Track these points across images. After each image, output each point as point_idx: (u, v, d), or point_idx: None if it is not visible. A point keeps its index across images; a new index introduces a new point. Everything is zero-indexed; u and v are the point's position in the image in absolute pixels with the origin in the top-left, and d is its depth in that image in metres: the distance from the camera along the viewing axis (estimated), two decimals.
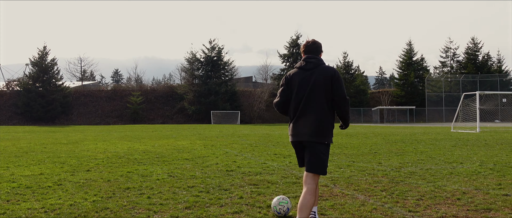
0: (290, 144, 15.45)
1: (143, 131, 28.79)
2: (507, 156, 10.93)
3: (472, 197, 5.70)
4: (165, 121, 59.60)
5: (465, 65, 72.99)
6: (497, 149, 13.07)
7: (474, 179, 7.11)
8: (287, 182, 6.91)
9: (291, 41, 69.96)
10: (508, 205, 5.20)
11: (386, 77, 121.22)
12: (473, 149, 13.06)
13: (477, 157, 10.67)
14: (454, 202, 5.39)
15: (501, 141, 16.47)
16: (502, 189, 6.22)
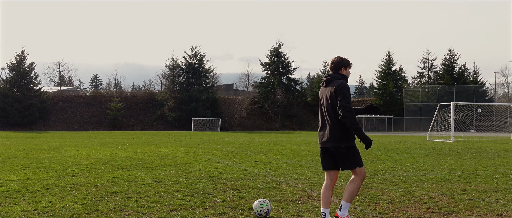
0: (271, 152, 15.90)
1: (124, 138, 28.85)
2: (476, 164, 11.53)
3: (438, 201, 6.17)
4: (145, 128, 59.46)
5: (442, 76, 74.77)
6: (467, 158, 13.70)
7: (441, 185, 7.60)
8: (267, 187, 7.29)
9: (273, 49, 70.63)
10: (469, 208, 5.68)
11: (365, 86, 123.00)
12: (445, 157, 13.66)
13: (447, 165, 11.24)
14: (420, 206, 5.85)
15: (472, 150, 17.17)
16: (466, 194, 6.71)
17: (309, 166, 10.89)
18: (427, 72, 77.68)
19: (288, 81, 71.04)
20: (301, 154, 14.74)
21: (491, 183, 7.92)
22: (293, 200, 6.17)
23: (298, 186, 7.46)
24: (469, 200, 6.25)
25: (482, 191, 7.03)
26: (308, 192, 6.91)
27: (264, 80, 70.72)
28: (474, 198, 6.40)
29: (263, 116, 67.15)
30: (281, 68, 70.33)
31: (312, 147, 19.19)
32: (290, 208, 5.62)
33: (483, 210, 5.58)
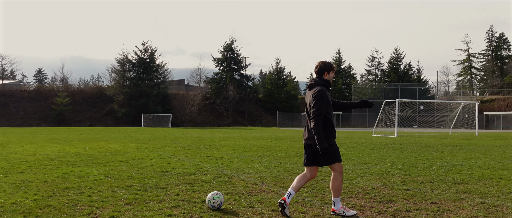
0: (222, 147, 16.11)
1: (71, 134, 28.12)
2: (416, 158, 12.25)
3: (379, 191, 6.62)
4: (93, 124, 57.97)
5: (389, 73, 77.68)
6: (408, 152, 14.50)
7: (383, 177, 8.10)
8: (220, 181, 7.50)
9: (226, 45, 70.68)
10: (406, 198, 6.14)
11: None
12: (388, 152, 14.38)
13: (390, 158, 11.88)
14: (363, 196, 6.26)
15: (413, 145, 18.12)
16: (405, 185, 7.22)
17: (260, 161, 11.19)
18: (375, 70, 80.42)
19: (240, 77, 71.37)
20: (253, 149, 15.04)
21: (428, 175, 8.51)
22: (244, 193, 6.41)
23: (250, 180, 7.71)
24: (407, 190, 6.74)
25: (420, 182, 7.57)
26: (259, 185, 7.18)
27: (216, 76, 70.70)
28: (412, 188, 6.90)
29: (215, 112, 67.15)
30: (234, 64, 70.54)
31: (263, 142, 19.57)
32: (242, 200, 5.87)
33: (419, 199, 6.06)
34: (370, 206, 5.61)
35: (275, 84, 72.35)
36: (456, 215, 5.12)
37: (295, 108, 70.58)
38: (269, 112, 70.07)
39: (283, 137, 25.68)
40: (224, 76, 69.75)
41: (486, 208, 5.52)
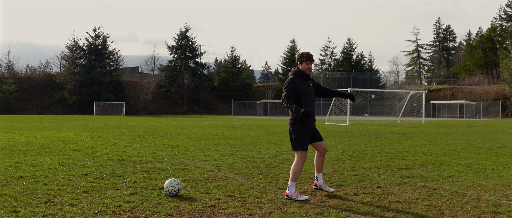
0: (178, 136, 16.16)
1: (20, 122, 27.18)
2: (365, 145, 12.81)
3: (330, 177, 6.97)
4: (42, 112, 56.06)
5: (342, 63, 79.42)
6: (359, 139, 15.10)
7: (334, 163, 8.49)
8: (176, 169, 7.63)
9: (180, 33, 69.90)
10: (355, 182, 6.52)
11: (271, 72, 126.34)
12: (340, 139, 14.92)
13: (341, 146, 12.36)
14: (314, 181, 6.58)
15: (364, 133, 18.83)
16: (354, 171, 7.62)
17: (216, 148, 11.37)
18: (328, 59, 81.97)
19: (195, 65, 70.92)
20: (208, 138, 15.19)
21: (376, 161, 8.99)
22: (201, 180, 6.59)
23: (206, 167, 7.89)
24: (356, 176, 7.13)
25: (368, 168, 8.01)
26: (215, 172, 7.37)
27: (171, 64, 69.91)
28: (360, 174, 7.30)
29: (170, 100, 66.49)
30: (189, 52, 69.96)
31: (218, 130, 19.73)
32: (199, 187, 6.04)
33: (367, 183, 6.45)
34: (320, 190, 5.93)
35: (231, 73, 72.39)
36: (399, 197, 5.52)
37: (250, 96, 71.00)
38: (225, 100, 70.16)
39: (239, 125, 25.93)
40: (178, 64, 69.06)
41: (426, 191, 5.97)
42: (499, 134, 19.03)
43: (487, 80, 73.73)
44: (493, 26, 79.08)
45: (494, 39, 76.59)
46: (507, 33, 69.35)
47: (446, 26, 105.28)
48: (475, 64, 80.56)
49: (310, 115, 5.25)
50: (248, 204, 5.12)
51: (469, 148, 12.18)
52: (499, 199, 5.45)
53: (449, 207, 5.03)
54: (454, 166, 8.30)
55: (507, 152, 11.12)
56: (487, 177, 7.13)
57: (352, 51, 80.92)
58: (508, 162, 9.04)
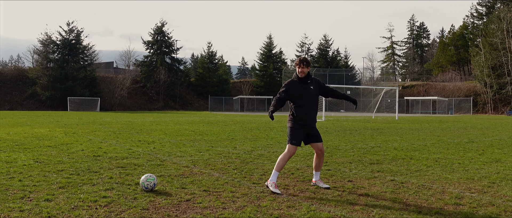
0: (154, 132, 16.17)
1: None
2: (339, 140, 13.10)
3: (303, 172, 7.17)
4: (14, 107, 54.95)
5: (318, 59, 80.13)
6: (334, 135, 15.40)
7: (308, 159, 8.70)
8: (152, 165, 7.71)
9: (156, 28, 69.34)
10: (327, 177, 6.74)
11: (248, 68, 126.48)
12: None
13: None
14: (288, 176, 6.78)
15: (339, 129, 19.18)
16: (326, 166, 7.84)
17: (192, 144, 11.46)
18: (304, 55, 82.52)
19: (171, 60, 70.50)
20: (184, 134, 15.25)
21: (348, 156, 9.25)
22: (177, 175, 6.70)
23: (182, 163, 7.99)
24: (328, 170, 7.35)
25: (340, 163, 8.24)
26: (191, 167, 7.48)
27: (146, 59, 69.33)
28: (332, 169, 7.53)
29: (145, 96, 65.97)
30: (165, 47, 69.51)
31: (195, 126, 19.78)
32: (175, 182, 6.15)
33: (338, 178, 6.67)
34: (293, 185, 6.12)
35: (207, 68, 72.25)
36: (368, 191, 5.75)
37: (227, 92, 70.99)
38: (201, 96, 69.98)
39: (215, 121, 26.01)
40: (154, 59, 68.54)
41: (394, 184, 6.22)
42: (468, 129, 19.64)
43: (459, 77, 75.50)
44: (465, 23, 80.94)
45: (466, 37, 78.41)
46: (479, 31, 71.06)
47: (420, 23, 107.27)
48: (448, 61, 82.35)
49: (271, 118, 5.92)
50: (222, 198, 5.26)
51: (438, 143, 12.58)
52: (462, 192, 5.73)
53: (414, 200, 5.28)
54: (422, 161, 8.61)
55: (474, 147, 11.55)
56: (453, 171, 7.44)
57: (328, 47, 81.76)
58: (474, 156, 9.42)
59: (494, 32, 59.94)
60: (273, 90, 72.45)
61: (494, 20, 62.14)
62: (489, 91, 58.20)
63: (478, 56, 61.03)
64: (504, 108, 56.70)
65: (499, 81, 57.74)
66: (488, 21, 68.24)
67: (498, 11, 63.14)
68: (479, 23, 77.22)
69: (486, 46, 59.90)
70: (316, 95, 6.12)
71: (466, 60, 79.31)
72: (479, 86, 61.31)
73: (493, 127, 22.14)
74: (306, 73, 5.99)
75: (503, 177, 6.85)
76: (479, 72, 60.67)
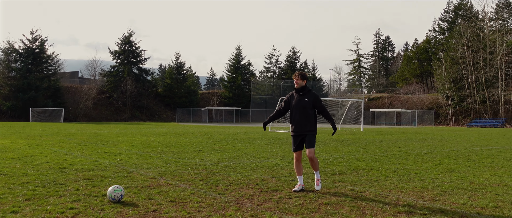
0: (120, 143, 16.10)
1: None
2: (304, 152, 13.38)
3: (268, 182, 7.40)
4: None
5: (286, 71, 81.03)
6: None
7: (273, 170, 8.95)
8: (119, 176, 7.78)
9: (123, 37, 68.68)
10: (291, 187, 6.99)
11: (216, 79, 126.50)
12: (281, 146, 15.47)
13: (281, 153, 12.89)
14: (253, 186, 6.99)
15: None
16: (290, 176, 8.10)
17: (159, 156, 11.53)
18: (273, 67, 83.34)
19: (139, 71, 69.91)
20: (151, 145, 15.26)
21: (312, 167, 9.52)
22: (144, 186, 6.80)
23: (149, 174, 8.09)
24: (292, 181, 7.61)
25: (304, 173, 8.51)
26: (158, 179, 7.59)
27: (113, 69, 68.46)
28: (296, 179, 7.79)
29: (111, 107, 65.04)
30: (132, 57, 68.88)
31: (162, 138, 19.76)
32: (142, 193, 6.27)
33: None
34: (258, 195, 6.34)
35: (175, 79, 71.95)
36: (328, 200, 6.02)
37: (195, 103, 70.80)
38: (169, 107, 69.53)
39: (182, 132, 26.00)
40: (121, 69, 67.78)
41: (353, 193, 6.53)
42: (429, 141, 20.38)
43: (422, 90, 77.82)
44: (428, 38, 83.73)
45: (429, 51, 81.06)
46: (441, 45, 73.66)
47: (385, 37, 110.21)
48: (412, 74, 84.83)
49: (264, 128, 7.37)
50: (188, 208, 5.42)
51: (399, 154, 13.07)
52: (415, 200, 6.08)
53: (371, 208, 5.58)
54: (382, 171, 9.00)
55: (431, 157, 12.07)
56: (409, 180, 7.83)
57: (296, 59, 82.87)
58: (430, 167, 9.88)
59: (455, 47, 62.28)
60: (241, 101, 72.74)
61: (455, 35, 64.61)
62: (451, 104, 60.24)
63: (440, 70, 63.15)
64: (465, 120, 58.76)
65: (460, 93, 59.88)
66: (450, 36, 70.90)
67: (459, 27, 65.69)
68: (441, 37, 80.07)
69: (447, 60, 62.10)
70: (310, 106, 6.77)
71: (429, 73, 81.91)
72: (441, 99, 63.37)
73: (452, 138, 23.03)
74: (301, 85, 6.81)
75: (455, 186, 7.27)
76: (441, 85, 62.76)
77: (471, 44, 59.97)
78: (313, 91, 6.95)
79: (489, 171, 9.30)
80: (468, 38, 59.99)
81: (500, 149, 15.71)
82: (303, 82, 6.82)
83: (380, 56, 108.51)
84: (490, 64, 59.05)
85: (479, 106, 58.23)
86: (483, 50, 59.26)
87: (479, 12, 68.25)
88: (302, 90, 6.81)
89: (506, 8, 78.71)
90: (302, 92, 6.80)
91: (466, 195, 6.51)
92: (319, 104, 6.86)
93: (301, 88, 6.81)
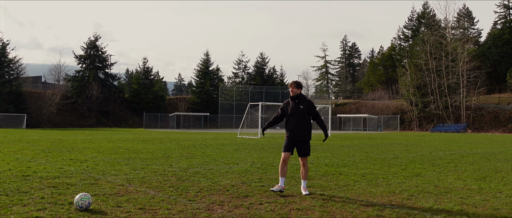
0: (86, 150, 15.76)
1: None
2: (274, 157, 13.46)
3: (238, 188, 7.38)
4: None
5: (254, 77, 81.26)
6: (268, 152, 15.78)
7: (243, 176, 8.94)
8: (86, 184, 7.60)
9: (89, 42, 67.28)
10: (261, 193, 6.99)
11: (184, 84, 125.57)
12: (250, 152, 15.48)
13: (251, 158, 12.89)
14: (223, 193, 6.96)
15: (274, 146, 19.63)
16: (261, 182, 8.12)
17: (127, 163, 11.33)
18: (241, 73, 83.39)
19: (105, 76, 68.63)
20: (119, 152, 14.99)
21: None
22: (112, 194, 6.67)
23: (117, 181, 7.94)
24: (262, 186, 7.62)
25: (274, 179, 8.55)
26: (126, 186, 7.46)
27: (78, 74, 66.97)
28: (266, 185, 7.81)
29: (76, 112, 63.56)
30: (98, 62, 67.57)
31: (129, 144, 19.44)
32: (110, 201, 6.14)
33: (271, 194, 6.95)
34: (228, 201, 6.31)
35: (142, 84, 70.96)
36: (299, 205, 6.06)
37: (163, 109, 70.00)
38: (136, 112, 68.46)
39: (150, 138, 25.66)
40: (87, 74, 66.37)
41: (323, 198, 6.59)
42: (394, 146, 20.82)
43: (387, 95, 79.47)
44: (393, 45, 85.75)
45: (394, 58, 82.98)
46: (405, 52, 75.51)
47: (352, 44, 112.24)
48: (377, 80, 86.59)
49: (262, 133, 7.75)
50: (158, 215, 5.34)
51: (366, 159, 13.29)
52: (384, 204, 6.20)
53: (340, 212, 5.65)
54: (351, 176, 9.12)
55: (398, 162, 12.33)
56: (377, 185, 7.97)
57: (265, 65, 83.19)
58: (397, 171, 10.09)
59: (419, 54, 63.98)
60: (209, 107, 72.40)
61: (418, 43, 66.41)
62: (415, 109, 61.74)
63: (404, 76, 64.68)
64: (428, 125, 60.32)
65: (424, 100, 61.47)
66: (414, 43, 72.83)
67: (422, 34, 67.55)
68: (405, 45, 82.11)
69: (411, 67, 63.70)
70: (305, 113, 7.10)
71: (394, 79, 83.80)
72: (406, 105, 64.88)
73: (417, 143, 23.60)
74: (297, 93, 7.16)
75: (421, 190, 7.45)
76: (405, 91, 64.26)
77: (434, 51, 61.74)
78: (308, 99, 7.26)
79: (453, 175, 9.58)
80: (431, 45, 61.74)
81: (463, 153, 16.22)
82: (298, 91, 7.18)
83: (347, 63, 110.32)
84: (452, 71, 60.92)
85: (442, 111, 59.92)
86: (445, 58, 61.10)
87: (441, 21, 70.34)
88: (298, 98, 7.18)
89: (466, 17, 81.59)
90: (297, 100, 7.17)
91: (432, 198, 6.68)
92: (314, 111, 7.19)
93: (296, 96, 7.18)
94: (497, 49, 71.52)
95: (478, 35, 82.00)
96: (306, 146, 7.15)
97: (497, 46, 71.94)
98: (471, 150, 17.97)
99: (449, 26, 67.27)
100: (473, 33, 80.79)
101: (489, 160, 13.53)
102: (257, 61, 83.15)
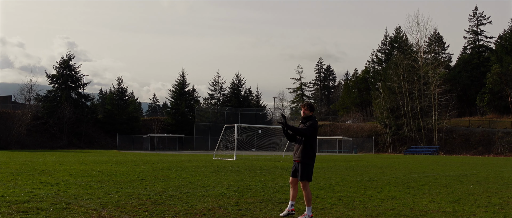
0: (57, 172, 15.34)
1: None
2: (250, 180, 13.36)
3: (215, 212, 7.26)
4: None
5: (230, 98, 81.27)
6: (245, 174, 15.66)
7: (220, 199, 8.82)
8: (57, 208, 7.35)
9: (62, 61, 66.27)
10: (238, 217, 6.89)
11: (159, 105, 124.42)
12: (226, 175, 15.33)
13: (227, 181, 12.76)
14: (200, 217, 6.83)
15: (250, 168, 19.52)
16: (237, 206, 8.01)
17: (99, 186, 11.05)
18: (217, 94, 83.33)
19: (78, 96, 67.49)
20: (91, 174, 14.63)
21: (259, 196, 9.49)
22: None
23: (90, 206, 7.71)
24: (239, 210, 7.52)
25: (251, 203, 8.45)
26: (99, 210, 7.25)
27: (50, 94, 65.68)
28: (243, 209, 7.71)
29: (47, 133, 62.08)
30: (71, 82, 66.49)
31: (102, 166, 19.02)
32: None
33: (249, 217, 6.85)
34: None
35: (116, 105, 70.02)
36: None
37: (137, 130, 69.05)
38: (109, 134, 67.29)
39: (124, 161, 25.19)
40: (59, 94, 65.15)
41: None
42: (369, 168, 20.97)
43: (362, 118, 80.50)
44: (367, 68, 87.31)
45: (368, 80, 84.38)
46: (379, 75, 76.90)
47: (327, 66, 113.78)
48: (352, 102, 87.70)
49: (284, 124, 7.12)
50: None
51: (342, 181, 13.32)
52: None
53: None
54: (327, 199, 9.10)
55: (373, 185, 12.39)
56: (354, 208, 7.96)
57: (241, 86, 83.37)
58: (373, 194, 10.13)
59: (392, 77, 65.26)
60: (184, 128, 71.81)
61: (392, 66, 67.80)
62: (389, 132, 62.63)
63: (378, 99, 65.75)
64: (402, 148, 61.18)
65: (397, 122, 62.47)
66: (387, 67, 74.29)
67: (395, 58, 69.08)
68: (379, 68, 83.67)
69: (385, 90, 64.85)
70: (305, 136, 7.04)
71: (368, 102, 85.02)
72: (380, 127, 65.76)
73: (391, 165, 23.85)
74: (306, 114, 7.21)
75: (397, 213, 7.47)
76: (379, 114, 65.23)
77: (406, 75, 63.11)
78: (315, 120, 7.16)
79: (428, 197, 9.67)
80: (404, 69, 63.13)
81: (436, 176, 16.44)
82: (310, 113, 7.23)
83: (322, 85, 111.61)
84: (424, 94, 62.25)
85: (415, 134, 60.94)
86: (417, 81, 62.48)
87: (413, 45, 72.07)
88: (306, 120, 7.18)
89: (437, 42, 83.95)
90: (303, 122, 7.21)
91: None
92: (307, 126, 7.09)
93: (305, 118, 7.22)
94: (467, 73, 73.71)
95: (448, 59, 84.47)
96: (302, 168, 6.96)
97: (466, 71, 74.16)
98: (444, 173, 18.24)
99: (421, 50, 69.03)
100: (444, 58, 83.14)
101: (462, 182, 13.74)
102: (233, 83, 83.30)
